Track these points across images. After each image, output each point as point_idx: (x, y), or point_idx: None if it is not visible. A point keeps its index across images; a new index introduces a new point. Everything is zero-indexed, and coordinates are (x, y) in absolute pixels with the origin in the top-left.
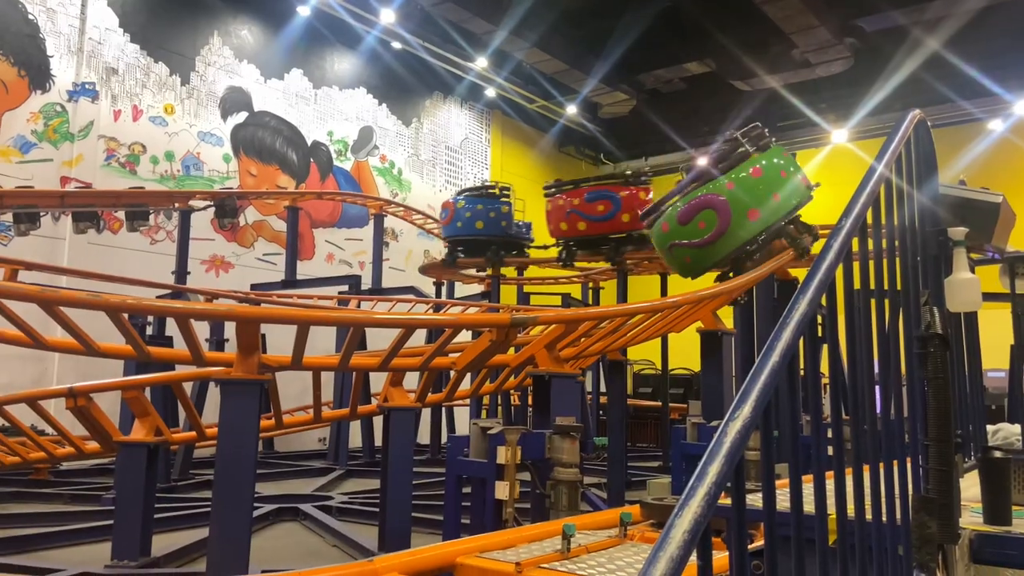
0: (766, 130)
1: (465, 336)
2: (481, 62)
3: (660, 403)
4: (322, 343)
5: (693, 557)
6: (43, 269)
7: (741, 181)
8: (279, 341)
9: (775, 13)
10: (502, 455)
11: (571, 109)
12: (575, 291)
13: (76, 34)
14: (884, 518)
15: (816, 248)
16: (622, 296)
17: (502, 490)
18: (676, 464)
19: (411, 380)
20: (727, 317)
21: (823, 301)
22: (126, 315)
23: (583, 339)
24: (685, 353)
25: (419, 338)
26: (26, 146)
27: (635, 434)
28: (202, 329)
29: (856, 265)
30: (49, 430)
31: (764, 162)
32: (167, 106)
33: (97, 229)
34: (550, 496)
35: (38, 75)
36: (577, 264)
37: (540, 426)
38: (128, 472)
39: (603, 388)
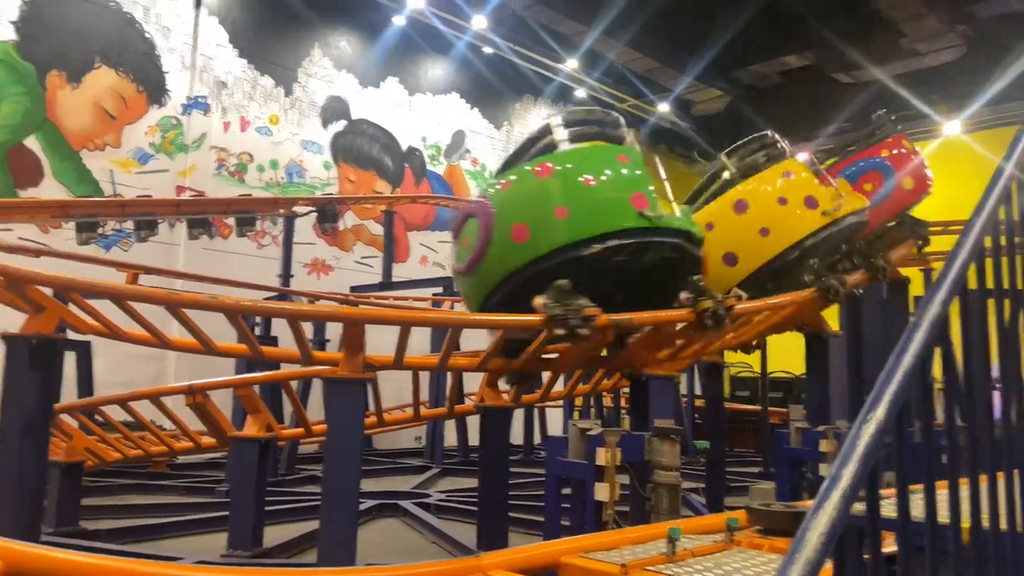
0: (621, 118)
1: None
2: (571, 63)
3: (759, 407)
4: (417, 344)
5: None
6: (161, 273)
7: (520, 181)
8: (372, 340)
9: (881, 2)
10: (602, 456)
11: (663, 107)
12: None
13: (189, 51)
14: (1020, 527)
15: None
16: None
17: (602, 492)
18: (780, 470)
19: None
20: (832, 318)
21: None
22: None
23: (681, 341)
24: (785, 355)
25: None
26: (144, 157)
27: (732, 438)
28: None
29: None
30: (167, 425)
31: (563, 160)
32: (272, 117)
33: (209, 235)
34: (650, 499)
35: (155, 90)
36: None
37: (637, 428)
38: (242, 466)
39: (698, 391)
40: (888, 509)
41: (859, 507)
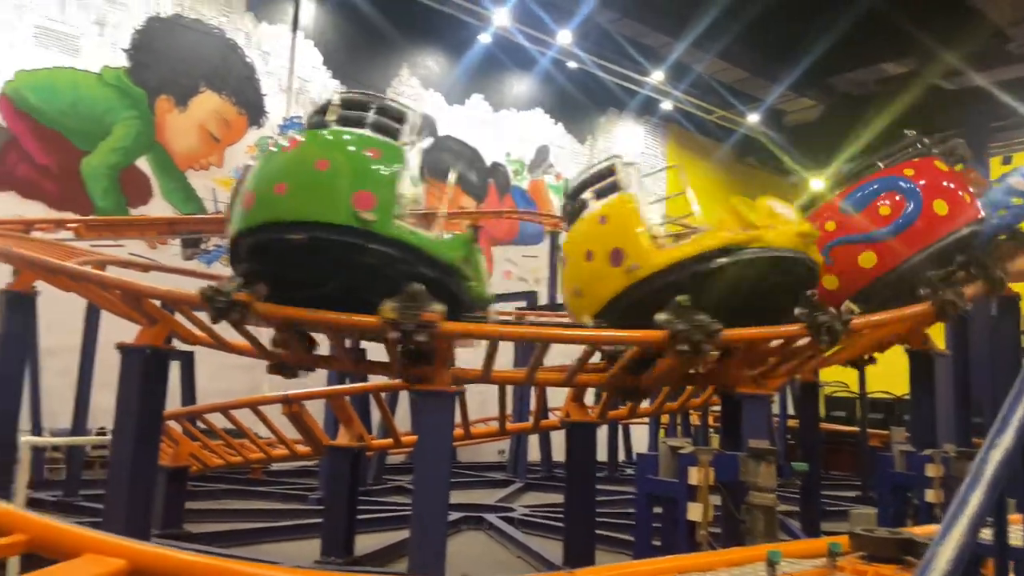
0: (407, 109)
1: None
2: (657, 75)
3: (856, 428)
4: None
5: None
6: None
7: (274, 149)
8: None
9: (985, 5)
10: (694, 476)
11: (752, 118)
12: None
13: (286, 73)
14: None
15: None
16: None
17: (695, 511)
18: (883, 495)
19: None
20: (939, 336)
21: None
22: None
23: (774, 359)
24: (885, 375)
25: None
26: None
27: (827, 461)
28: None
29: None
30: (262, 433)
31: (310, 137)
32: None
33: None
34: (745, 521)
35: (254, 112)
36: None
37: (729, 448)
38: (336, 474)
39: (791, 410)
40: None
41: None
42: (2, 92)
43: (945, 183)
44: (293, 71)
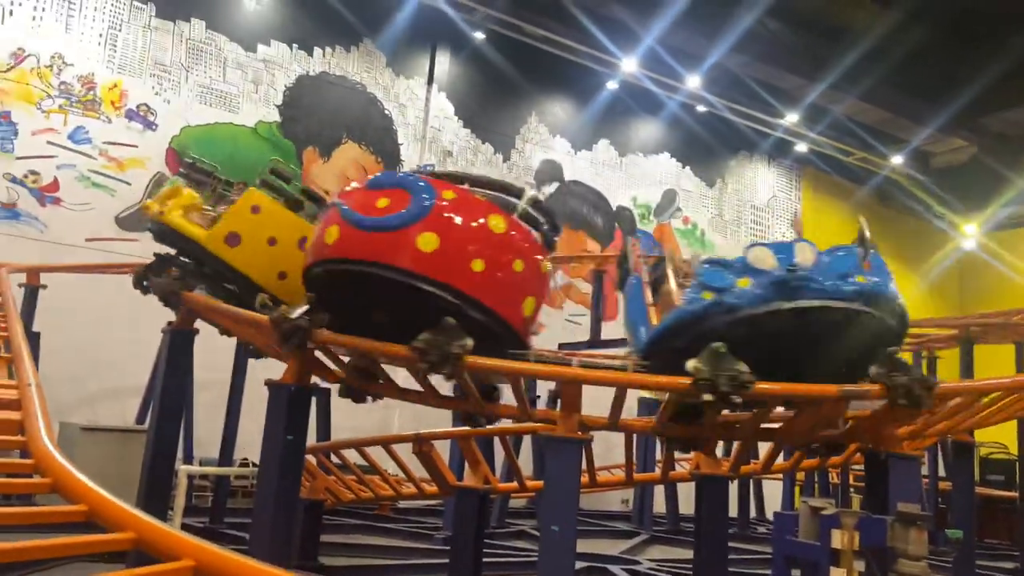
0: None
1: None
2: (791, 118)
3: (1015, 494)
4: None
5: None
6: None
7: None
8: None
9: None
10: (838, 539)
11: (896, 160)
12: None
13: (420, 124)
14: None
15: None
16: (966, 370)
17: None
18: None
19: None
20: None
21: None
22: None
23: (924, 417)
24: None
25: None
26: None
27: (981, 527)
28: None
29: None
30: (390, 470)
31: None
32: None
33: None
34: None
35: (391, 160)
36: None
37: (873, 510)
38: (463, 515)
39: (941, 471)
40: None
41: None
42: (170, 146)
43: (476, 228)
44: (427, 121)
